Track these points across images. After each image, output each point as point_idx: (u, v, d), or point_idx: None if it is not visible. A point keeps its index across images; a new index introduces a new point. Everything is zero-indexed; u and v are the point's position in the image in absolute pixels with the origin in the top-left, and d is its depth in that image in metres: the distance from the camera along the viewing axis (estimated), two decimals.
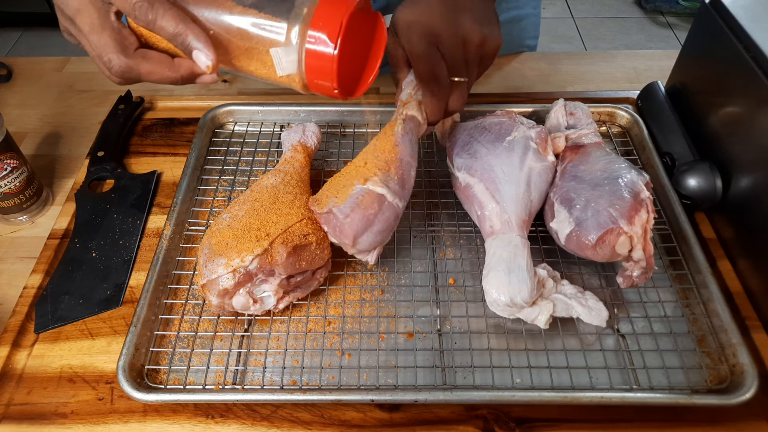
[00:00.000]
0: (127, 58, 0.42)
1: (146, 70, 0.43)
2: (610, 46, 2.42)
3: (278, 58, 0.40)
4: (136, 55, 0.43)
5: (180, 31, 0.40)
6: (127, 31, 0.43)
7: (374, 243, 0.53)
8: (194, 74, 0.43)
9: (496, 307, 0.52)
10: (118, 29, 0.42)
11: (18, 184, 0.62)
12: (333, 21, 0.38)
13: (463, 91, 0.56)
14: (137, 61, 0.43)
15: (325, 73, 0.39)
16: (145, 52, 0.43)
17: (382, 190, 0.52)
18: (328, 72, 0.39)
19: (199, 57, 0.40)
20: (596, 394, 0.48)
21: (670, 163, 0.66)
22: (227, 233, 0.52)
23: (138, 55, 0.43)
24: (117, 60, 0.42)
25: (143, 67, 0.43)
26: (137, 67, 0.43)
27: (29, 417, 0.49)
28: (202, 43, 0.40)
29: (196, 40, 0.40)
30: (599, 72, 0.85)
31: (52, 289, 0.58)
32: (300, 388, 0.50)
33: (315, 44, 0.39)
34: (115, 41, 0.42)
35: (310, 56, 0.39)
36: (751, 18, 0.59)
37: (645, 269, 0.53)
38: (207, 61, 0.40)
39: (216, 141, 0.72)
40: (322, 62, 0.39)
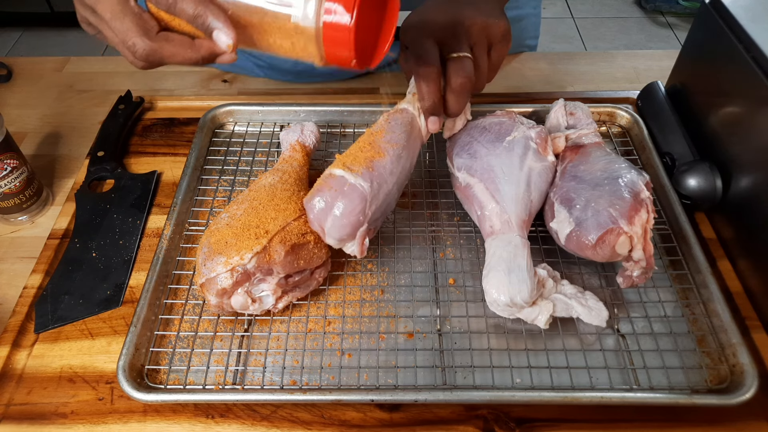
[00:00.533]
0: (150, 41, 0.43)
1: (169, 52, 0.44)
2: (610, 46, 2.42)
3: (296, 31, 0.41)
4: (159, 38, 0.44)
5: (200, 12, 0.41)
6: (147, 16, 0.44)
7: (344, 228, 0.51)
8: (215, 54, 0.44)
9: (496, 307, 0.52)
10: (139, 14, 0.43)
11: (18, 184, 0.62)
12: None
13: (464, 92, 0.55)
14: (160, 43, 0.44)
15: (342, 44, 0.40)
16: (167, 35, 0.44)
17: (341, 172, 0.51)
18: (346, 43, 0.40)
19: (219, 37, 0.41)
20: (596, 394, 0.48)
21: (670, 163, 0.66)
22: (226, 232, 0.52)
23: (161, 38, 0.44)
24: (141, 43, 0.43)
25: (166, 50, 0.44)
26: (161, 49, 0.44)
27: (29, 417, 0.49)
28: (221, 22, 0.41)
29: (216, 20, 0.41)
30: (599, 72, 0.85)
31: (52, 289, 0.58)
32: (300, 388, 0.50)
33: (332, 16, 0.39)
34: (138, 25, 0.43)
35: (327, 28, 0.40)
36: (751, 18, 0.59)
37: (645, 269, 0.53)
38: (228, 40, 0.41)
39: (216, 141, 0.72)
40: (339, 33, 0.39)
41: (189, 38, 0.44)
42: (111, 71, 0.85)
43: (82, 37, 2.40)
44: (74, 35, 2.40)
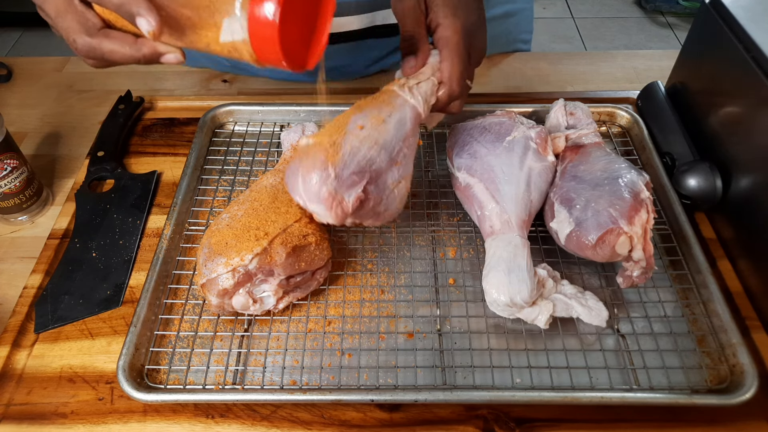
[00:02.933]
0: (90, 38, 0.44)
1: (108, 49, 0.44)
2: (610, 46, 2.42)
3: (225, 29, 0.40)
4: (99, 34, 0.44)
5: (123, 1, 0.40)
6: (91, 14, 0.44)
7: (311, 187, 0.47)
8: (157, 53, 0.44)
9: (496, 307, 0.52)
10: (81, 12, 0.44)
11: (18, 184, 0.62)
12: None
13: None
14: (99, 40, 0.44)
15: (269, 42, 0.39)
16: (108, 32, 0.44)
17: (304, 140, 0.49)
18: (271, 41, 0.39)
19: (141, 23, 0.40)
20: (596, 394, 0.48)
21: (670, 163, 0.66)
22: (227, 233, 0.52)
23: (100, 35, 0.44)
24: (81, 40, 0.44)
25: (105, 46, 0.44)
26: (100, 46, 0.44)
27: (29, 417, 0.49)
28: (144, 8, 0.40)
29: (138, 6, 0.40)
30: (599, 72, 0.85)
31: (52, 289, 0.58)
32: (300, 388, 0.50)
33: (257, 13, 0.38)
34: (79, 23, 0.44)
35: (254, 24, 0.39)
36: (751, 18, 0.59)
37: (645, 269, 0.53)
38: (149, 27, 0.40)
39: (216, 141, 0.72)
40: (265, 31, 0.39)
41: (132, 36, 0.44)
42: (111, 71, 0.85)
43: None
44: None
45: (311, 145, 0.48)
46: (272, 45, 0.39)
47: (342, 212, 0.48)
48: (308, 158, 0.47)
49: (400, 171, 0.52)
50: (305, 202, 0.48)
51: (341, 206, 0.47)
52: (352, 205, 0.48)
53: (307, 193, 0.47)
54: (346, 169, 0.47)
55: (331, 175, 0.46)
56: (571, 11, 2.64)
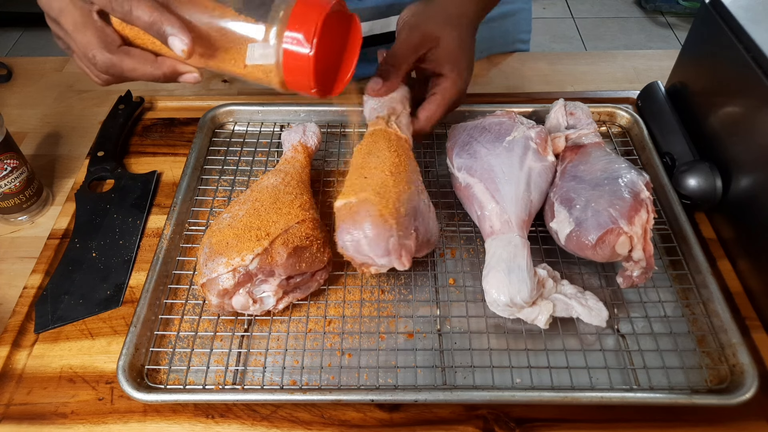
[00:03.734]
0: (110, 54, 0.43)
1: (129, 67, 0.44)
2: (610, 46, 2.42)
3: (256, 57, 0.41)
4: (120, 51, 0.44)
5: (155, 19, 0.40)
6: (110, 30, 0.44)
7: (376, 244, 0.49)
8: (177, 72, 0.44)
9: (496, 307, 0.52)
10: (101, 27, 0.43)
11: (18, 184, 0.62)
12: (309, 22, 0.39)
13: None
14: (120, 57, 0.44)
15: (302, 72, 0.40)
16: (129, 49, 0.44)
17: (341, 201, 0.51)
18: (305, 72, 0.40)
19: (174, 43, 0.40)
20: (596, 394, 0.48)
21: (670, 163, 0.66)
22: (228, 232, 0.52)
23: (121, 52, 0.44)
24: (101, 56, 0.43)
25: (126, 63, 0.44)
26: (120, 63, 0.44)
27: (29, 417, 0.49)
28: (176, 28, 0.40)
29: (171, 26, 0.40)
30: (599, 72, 0.85)
31: (52, 289, 0.57)
32: (300, 388, 0.50)
33: (292, 45, 0.39)
34: (99, 38, 0.43)
35: (288, 56, 0.40)
36: (751, 18, 0.59)
37: (645, 269, 0.53)
38: (182, 45, 0.40)
39: (216, 141, 0.72)
40: (299, 62, 0.40)
41: (152, 54, 0.44)
42: None
43: None
44: None
45: (358, 203, 0.49)
46: (306, 75, 0.40)
47: (408, 257, 0.49)
48: (363, 216, 0.48)
49: (424, 196, 0.55)
50: (374, 260, 0.49)
51: (407, 252, 0.49)
52: (414, 247, 0.50)
53: (374, 250, 0.48)
54: (400, 217, 0.49)
55: (394, 227, 0.48)
56: (571, 11, 2.64)
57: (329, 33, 0.41)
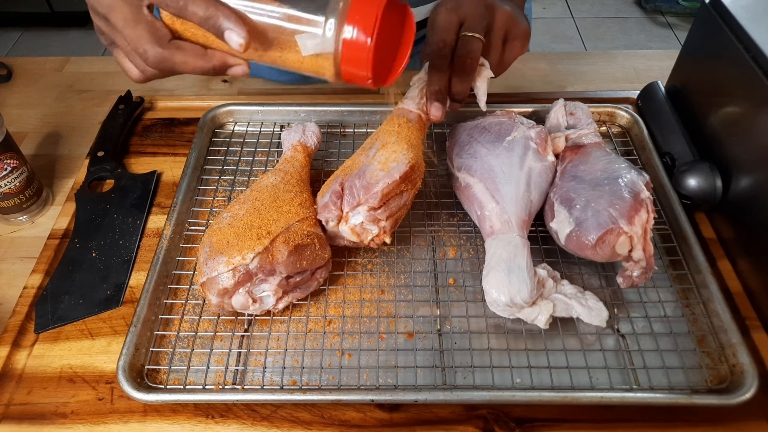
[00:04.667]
0: (162, 49, 0.43)
1: (180, 60, 0.44)
2: (610, 46, 2.42)
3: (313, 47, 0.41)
4: (171, 45, 0.44)
5: (211, 14, 0.40)
6: (160, 24, 0.44)
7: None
8: (226, 65, 0.44)
9: (496, 307, 0.52)
10: (151, 22, 0.43)
11: (18, 184, 0.62)
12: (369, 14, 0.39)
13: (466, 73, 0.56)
14: (172, 51, 0.44)
15: (360, 63, 0.41)
16: (179, 43, 0.44)
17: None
18: (364, 62, 0.41)
19: (231, 37, 0.41)
20: (596, 394, 0.48)
21: (670, 163, 0.66)
22: (228, 231, 0.52)
23: (172, 46, 0.44)
24: (152, 50, 0.43)
25: (177, 57, 0.44)
26: (172, 57, 0.44)
27: (29, 417, 0.49)
28: (233, 22, 0.40)
29: (227, 20, 0.40)
30: (599, 72, 0.85)
31: (52, 289, 0.57)
32: (300, 388, 0.50)
33: (352, 35, 0.40)
34: (150, 33, 0.43)
35: (347, 47, 0.40)
36: (751, 18, 0.59)
37: (645, 269, 0.53)
38: (239, 39, 0.41)
39: (216, 141, 0.72)
40: (358, 53, 0.40)
41: (202, 48, 0.44)
42: (111, 71, 0.85)
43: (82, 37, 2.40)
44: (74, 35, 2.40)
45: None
46: (364, 66, 0.41)
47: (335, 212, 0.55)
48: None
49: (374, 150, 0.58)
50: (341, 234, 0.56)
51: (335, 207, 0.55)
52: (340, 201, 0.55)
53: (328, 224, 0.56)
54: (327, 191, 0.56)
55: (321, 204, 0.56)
56: (571, 11, 2.64)
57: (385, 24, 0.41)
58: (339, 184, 0.55)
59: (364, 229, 0.55)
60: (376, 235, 0.55)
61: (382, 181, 0.53)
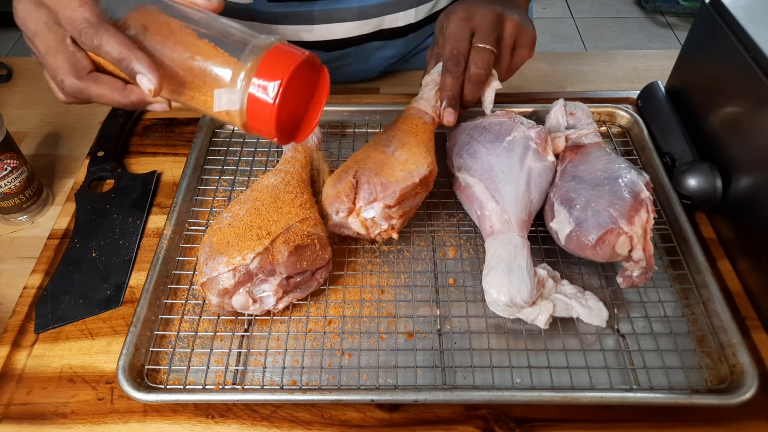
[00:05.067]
0: (78, 81, 0.44)
1: (97, 93, 0.44)
2: (610, 46, 2.42)
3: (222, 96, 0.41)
4: (89, 78, 0.44)
5: (124, 56, 0.40)
6: (81, 55, 0.44)
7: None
8: (145, 101, 0.45)
9: (496, 307, 0.52)
10: (72, 53, 0.43)
11: (18, 184, 0.62)
12: (277, 73, 0.39)
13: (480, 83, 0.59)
14: (88, 83, 0.44)
15: (265, 121, 0.41)
16: (98, 76, 0.44)
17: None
18: (268, 120, 0.41)
19: (142, 81, 0.41)
20: (596, 394, 0.48)
21: (670, 163, 0.66)
22: (228, 232, 0.52)
23: (90, 78, 0.44)
24: (68, 81, 0.44)
25: (93, 90, 0.44)
26: (88, 89, 0.44)
27: (29, 417, 0.49)
28: (145, 67, 0.40)
29: (140, 64, 0.40)
30: (599, 72, 0.85)
31: (52, 289, 0.57)
32: (300, 388, 0.50)
33: (257, 92, 0.40)
34: (69, 64, 0.43)
35: (252, 103, 0.40)
36: (751, 18, 0.59)
37: (645, 269, 0.53)
38: (149, 84, 0.41)
39: (216, 141, 0.72)
40: (263, 110, 0.40)
41: (122, 82, 0.44)
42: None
43: None
44: None
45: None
46: (268, 124, 0.41)
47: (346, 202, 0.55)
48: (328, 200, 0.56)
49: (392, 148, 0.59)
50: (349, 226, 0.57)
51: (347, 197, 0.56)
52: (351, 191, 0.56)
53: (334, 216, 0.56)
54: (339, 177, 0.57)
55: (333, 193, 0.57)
56: (571, 11, 2.64)
57: (298, 81, 0.41)
58: (353, 176, 0.55)
59: (375, 223, 0.55)
60: (384, 230, 0.56)
61: (402, 182, 0.54)
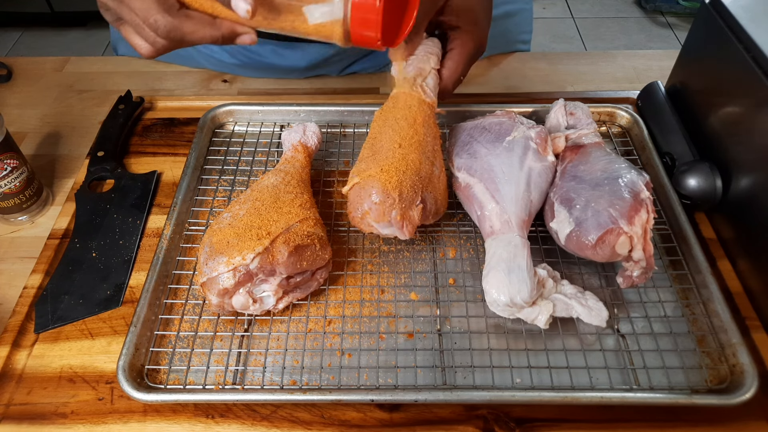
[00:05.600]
0: (171, 17, 0.44)
1: (190, 29, 0.44)
2: (610, 46, 2.42)
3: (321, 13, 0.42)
4: (180, 14, 0.44)
5: None
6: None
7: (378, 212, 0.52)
8: (235, 33, 0.45)
9: (496, 307, 0.52)
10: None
11: (18, 184, 0.62)
12: None
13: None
14: (181, 20, 0.44)
15: (370, 24, 0.41)
16: (188, 12, 0.45)
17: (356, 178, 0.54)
18: (374, 23, 0.41)
19: (238, 4, 0.41)
20: (596, 394, 0.48)
21: (670, 163, 0.66)
22: (228, 232, 0.52)
23: (181, 15, 0.44)
24: (162, 19, 0.43)
25: (186, 26, 0.44)
26: (181, 25, 0.44)
27: (29, 417, 0.49)
28: None
29: None
30: (599, 72, 0.85)
31: (52, 289, 0.58)
32: (300, 388, 0.50)
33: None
34: (158, 2, 0.43)
35: (357, 10, 0.41)
36: (751, 18, 0.59)
37: (645, 269, 0.53)
38: (246, 5, 0.41)
39: (216, 141, 0.72)
40: (368, 15, 0.41)
41: (210, 17, 0.45)
42: (111, 71, 0.85)
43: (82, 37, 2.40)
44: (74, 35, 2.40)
45: (362, 181, 0.52)
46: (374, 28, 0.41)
47: (411, 227, 0.53)
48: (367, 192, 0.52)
49: (437, 164, 0.57)
50: (379, 231, 0.54)
51: (410, 222, 0.53)
52: (418, 217, 0.53)
53: (379, 223, 0.53)
54: (404, 189, 0.52)
55: (396, 200, 0.52)
56: (571, 11, 2.64)
57: None
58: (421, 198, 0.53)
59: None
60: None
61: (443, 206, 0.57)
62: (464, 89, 0.80)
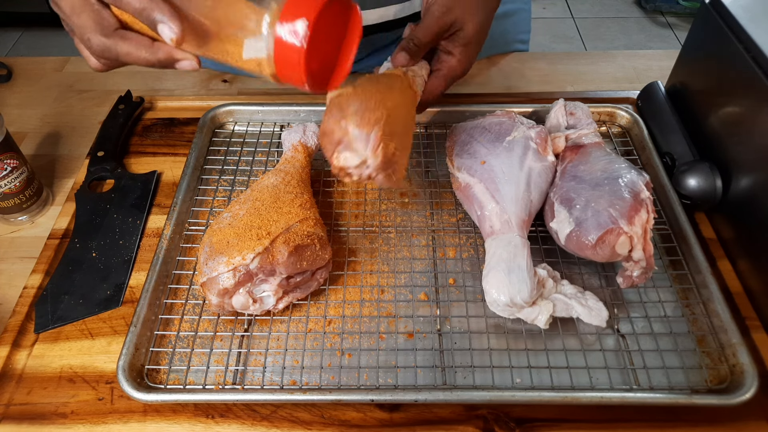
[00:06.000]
0: (105, 38, 0.43)
1: (124, 51, 0.43)
2: (610, 46, 2.42)
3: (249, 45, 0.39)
4: (115, 35, 0.43)
5: (144, 6, 0.40)
6: (107, 13, 0.43)
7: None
8: (172, 59, 0.43)
9: (496, 307, 0.52)
10: (97, 10, 0.43)
11: (18, 184, 0.62)
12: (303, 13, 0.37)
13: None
14: (115, 41, 0.43)
15: (293, 66, 0.39)
16: (124, 33, 0.44)
17: None
18: (297, 65, 0.38)
19: (163, 30, 0.40)
20: (596, 394, 0.48)
21: (670, 163, 0.66)
22: (228, 232, 0.52)
23: (117, 36, 0.43)
24: (95, 39, 0.43)
25: (121, 47, 0.43)
26: (115, 47, 0.43)
27: (29, 417, 0.49)
28: (166, 15, 0.39)
29: (160, 12, 0.39)
30: (599, 72, 0.85)
31: (52, 289, 0.57)
32: (300, 388, 0.50)
33: (284, 35, 0.38)
34: (94, 21, 0.43)
35: (279, 49, 0.38)
36: (751, 18, 0.59)
37: (645, 269, 0.53)
38: (171, 34, 0.40)
39: (216, 141, 0.72)
40: (291, 55, 0.38)
41: (149, 39, 0.43)
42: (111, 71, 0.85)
43: None
44: None
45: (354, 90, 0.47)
46: (297, 69, 0.39)
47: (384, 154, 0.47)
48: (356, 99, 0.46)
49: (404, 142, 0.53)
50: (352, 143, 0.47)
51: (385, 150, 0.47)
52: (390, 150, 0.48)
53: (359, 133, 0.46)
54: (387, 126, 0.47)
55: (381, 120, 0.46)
56: (571, 11, 2.64)
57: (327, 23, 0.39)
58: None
59: None
60: None
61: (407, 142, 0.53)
62: (464, 89, 0.80)
